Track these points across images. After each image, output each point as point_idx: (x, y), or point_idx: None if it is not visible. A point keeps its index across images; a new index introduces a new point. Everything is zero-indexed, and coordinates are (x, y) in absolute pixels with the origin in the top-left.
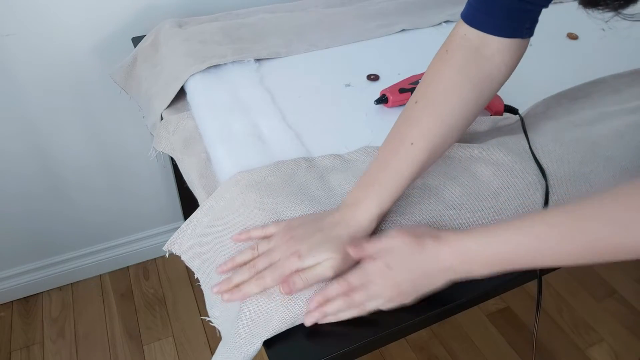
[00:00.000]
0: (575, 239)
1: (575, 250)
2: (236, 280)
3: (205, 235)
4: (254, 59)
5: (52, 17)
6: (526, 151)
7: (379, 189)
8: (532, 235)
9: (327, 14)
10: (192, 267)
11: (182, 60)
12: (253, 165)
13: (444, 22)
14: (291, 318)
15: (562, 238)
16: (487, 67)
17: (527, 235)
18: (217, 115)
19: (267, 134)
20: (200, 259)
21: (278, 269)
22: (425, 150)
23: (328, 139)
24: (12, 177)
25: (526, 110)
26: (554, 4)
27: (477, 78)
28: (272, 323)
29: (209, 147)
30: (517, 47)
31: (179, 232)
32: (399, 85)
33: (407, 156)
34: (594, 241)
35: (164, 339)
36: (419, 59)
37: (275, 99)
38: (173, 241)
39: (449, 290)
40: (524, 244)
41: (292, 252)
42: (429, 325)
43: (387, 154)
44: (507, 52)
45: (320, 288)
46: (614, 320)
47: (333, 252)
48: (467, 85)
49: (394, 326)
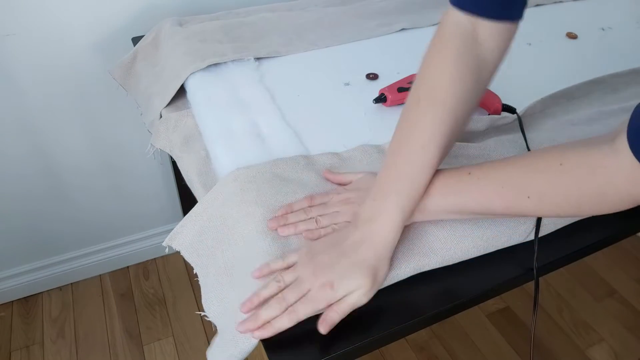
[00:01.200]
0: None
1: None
2: (265, 316)
3: (205, 231)
4: (253, 58)
5: (52, 17)
6: (524, 150)
7: (398, 199)
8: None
9: (327, 12)
10: (191, 262)
11: (182, 58)
12: (252, 163)
13: None
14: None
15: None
16: (482, 52)
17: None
18: (217, 114)
19: (267, 132)
20: (199, 255)
21: (311, 303)
22: (437, 153)
23: (327, 137)
24: (12, 177)
25: (524, 109)
26: (554, 4)
27: (475, 64)
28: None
29: (208, 145)
30: (507, 30)
31: (178, 227)
32: (397, 85)
33: (420, 162)
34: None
35: (164, 339)
36: (418, 58)
37: (275, 97)
38: (173, 236)
39: (449, 290)
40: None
41: (322, 283)
42: (429, 325)
43: (399, 160)
44: (498, 36)
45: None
46: (614, 320)
47: (364, 278)
48: (467, 74)
49: (394, 326)
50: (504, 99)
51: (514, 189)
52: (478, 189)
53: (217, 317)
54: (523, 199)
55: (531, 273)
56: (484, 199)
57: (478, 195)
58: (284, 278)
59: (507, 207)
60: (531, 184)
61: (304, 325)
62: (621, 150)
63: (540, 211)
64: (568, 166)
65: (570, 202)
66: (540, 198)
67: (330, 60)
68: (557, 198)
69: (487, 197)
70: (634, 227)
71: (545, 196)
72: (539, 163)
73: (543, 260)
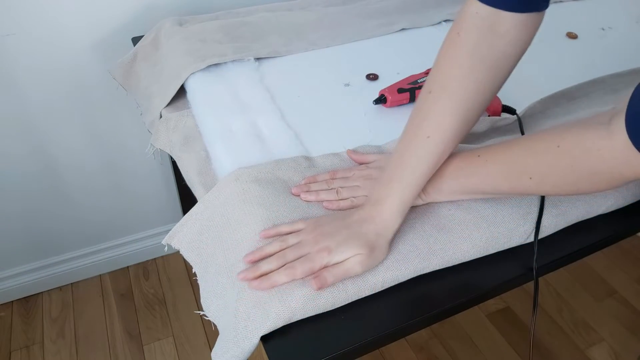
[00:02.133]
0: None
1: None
2: (264, 268)
3: (205, 230)
4: (253, 58)
5: (53, 18)
6: None
7: (399, 186)
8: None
9: (327, 12)
10: (190, 261)
11: (182, 59)
12: (252, 163)
13: (444, 21)
14: (288, 314)
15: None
16: (502, 45)
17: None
18: (217, 114)
19: (267, 132)
20: (198, 254)
21: (308, 262)
22: (441, 143)
23: (327, 138)
24: (12, 177)
25: (524, 110)
26: (554, 4)
27: (492, 59)
28: (270, 318)
29: (208, 145)
30: (532, 21)
31: (178, 226)
32: (397, 85)
33: (424, 151)
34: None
35: (164, 339)
36: (419, 58)
37: (275, 98)
38: (172, 235)
39: (449, 290)
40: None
41: (321, 247)
42: (429, 325)
43: (404, 148)
44: (522, 28)
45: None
46: (614, 320)
47: (361, 248)
48: (481, 69)
49: (394, 326)
50: (504, 99)
51: (517, 170)
52: (486, 171)
53: (216, 316)
54: (526, 179)
55: (531, 273)
56: (491, 181)
57: (486, 177)
58: (287, 240)
59: (512, 187)
60: (532, 165)
61: (304, 325)
62: (616, 132)
63: (542, 191)
64: (565, 147)
65: (567, 182)
66: (542, 179)
67: (330, 61)
68: (556, 178)
69: (494, 178)
70: (634, 227)
71: (545, 176)
72: (539, 145)
73: (543, 260)
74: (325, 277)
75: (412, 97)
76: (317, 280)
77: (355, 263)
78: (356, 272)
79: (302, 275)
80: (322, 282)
